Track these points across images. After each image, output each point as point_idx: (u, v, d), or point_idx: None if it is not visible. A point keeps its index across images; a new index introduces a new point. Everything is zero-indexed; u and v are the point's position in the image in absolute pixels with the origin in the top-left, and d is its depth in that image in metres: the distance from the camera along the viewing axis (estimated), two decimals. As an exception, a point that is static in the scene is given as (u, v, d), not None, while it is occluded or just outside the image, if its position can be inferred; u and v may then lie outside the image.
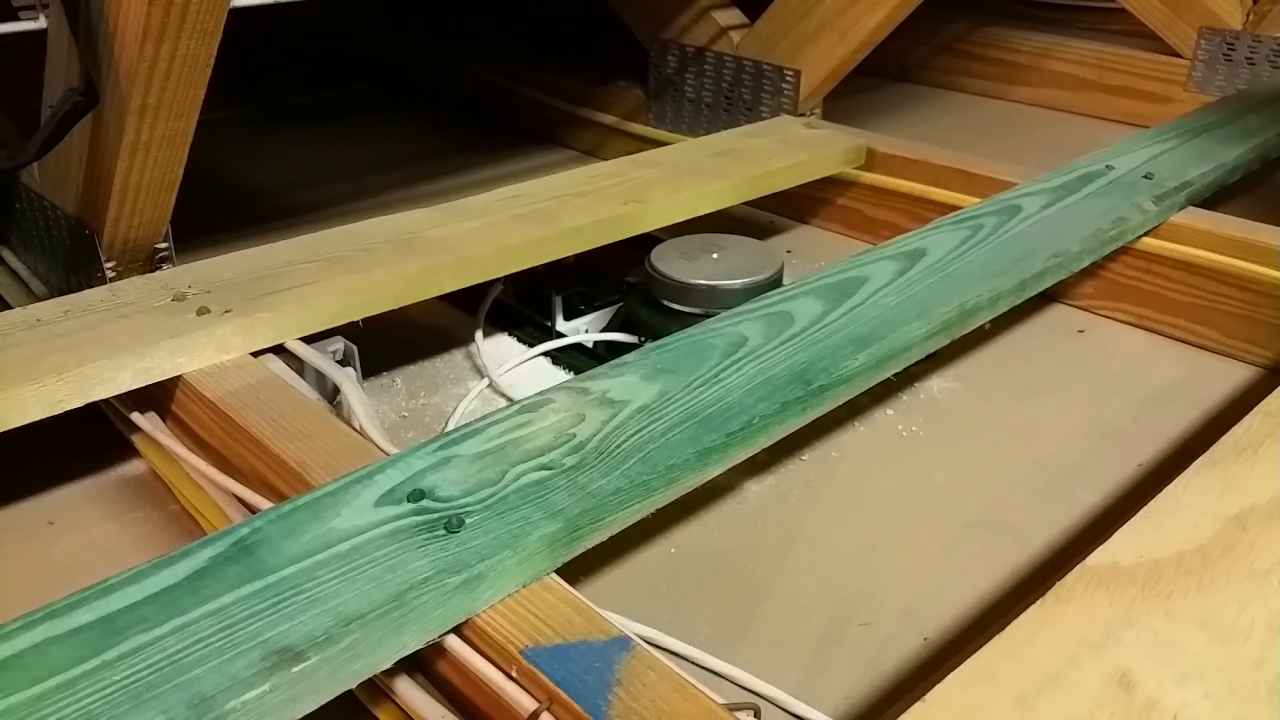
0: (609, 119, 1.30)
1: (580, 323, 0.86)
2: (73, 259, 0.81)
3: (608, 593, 0.58)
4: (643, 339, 0.79)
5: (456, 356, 0.83)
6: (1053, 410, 0.76)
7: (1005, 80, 1.53)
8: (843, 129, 1.09)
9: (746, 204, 1.04)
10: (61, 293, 0.75)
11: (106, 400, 0.63)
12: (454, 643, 0.45)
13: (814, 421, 0.63)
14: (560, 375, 0.80)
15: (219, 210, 1.13)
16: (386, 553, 0.45)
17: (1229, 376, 0.80)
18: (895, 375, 0.69)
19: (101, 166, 0.73)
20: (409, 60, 1.59)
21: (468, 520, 0.47)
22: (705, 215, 0.91)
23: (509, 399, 0.77)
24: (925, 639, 0.54)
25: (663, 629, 0.54)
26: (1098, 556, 0.46)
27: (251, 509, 0.56)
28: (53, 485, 0.66)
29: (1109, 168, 0.92)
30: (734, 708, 0.41)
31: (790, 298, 0.69)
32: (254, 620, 0.41)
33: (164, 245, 0.80)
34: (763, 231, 1.08)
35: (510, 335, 0.86)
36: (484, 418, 0.56)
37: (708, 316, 0.68)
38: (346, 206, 1.13)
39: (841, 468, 0.69)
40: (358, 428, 0.62)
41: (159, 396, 0.65)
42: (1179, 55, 1.38)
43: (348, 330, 0.71)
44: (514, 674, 0.42)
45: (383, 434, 0.61)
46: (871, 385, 0.65)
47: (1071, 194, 0.87)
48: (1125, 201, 0.85)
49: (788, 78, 1.12)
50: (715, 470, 0.56)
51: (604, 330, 0.84)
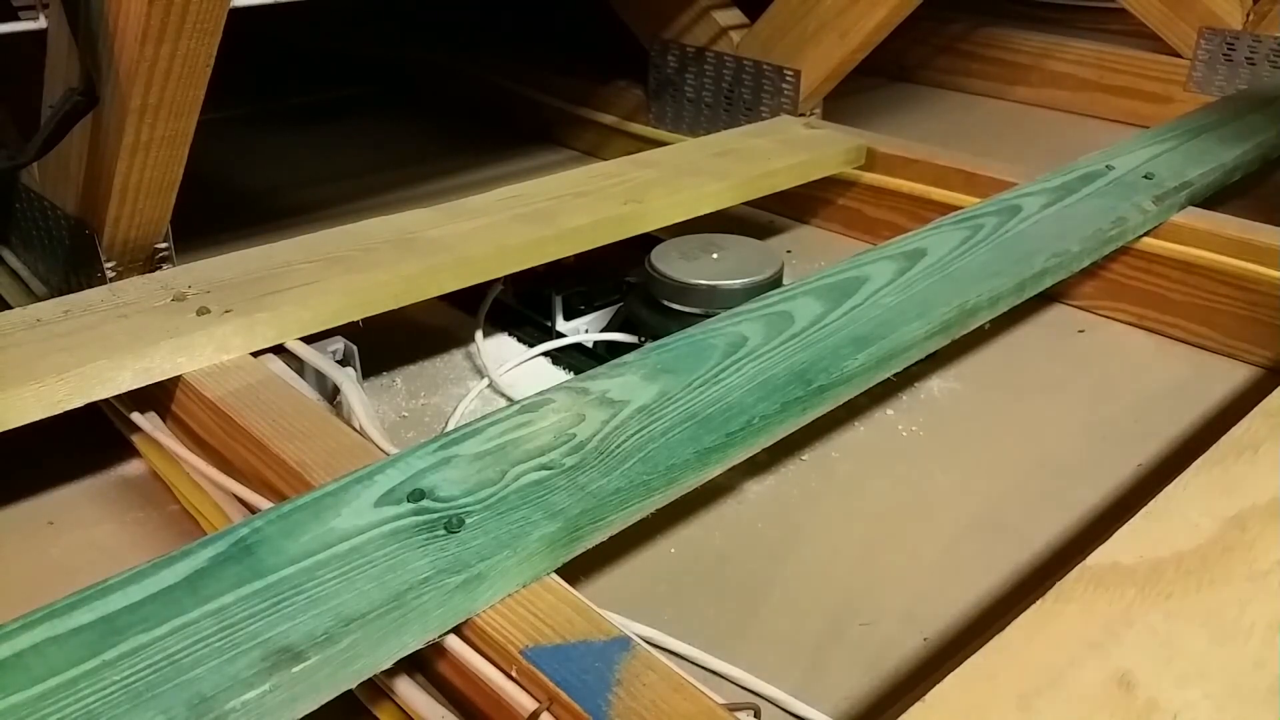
0: (609, 119, 1.30)
1: (580, 323, 0.86)
2: (73, 259, 0.81)
3: (608, 593, 0.58)
4: (643, 339, 0.79)
5: (456, 356, 0.83)
6: (1053, 410, 0.76)
7: (1005, 80, 1.53)
8: (843, 129, 1.09)
9: (746, 204, 1.04)
10: (61, 293, 0.75)
11: (106, 400, 0.63)
12: (454, 643, 0.45)
13: (814, 421, 0.63)
14: (560, 375, 0.80)
15: (219, 210, 1.12)
16: (386, 553, 0.45)
17: (1229, 376, 0.80)
18: (895, 375, 0.69)
19: (101, 166, 0.73)
20: (409, 60, 1.59)
21: (468, 520, 0.47)
22: (705, 215, 0.91)
23: (509, 399, 0.77)
24: (925, 639, 0.54)
25: (663, 629, 0.54)
26: (1098, 556, 0.46)
27: (251, 509, 0.56)
28: (53, 485, 0.66)
29: (1109, 168, 0.92)
30: (734, 708, 0.41)
31: (790, 298, 0.69)
32: (254, 620, 0.41)
33: (164, 245, 0.80)
34: (763, 231, 1.08)
35: (510, 335, 0.86)
36: (484, 418, 0.56)
37: (708, 316, 0.68)
38: (346, 206, 1.13)
39: (841, 468, 0.69)
40: (358, 428, 0.62)
41: (159, 396, 0.65)
42: (1179, 55, 1.38)
43: (348, 330, 0.71)
44: (514, 674, 0.42)
45: (383, 434, 0.61)
46: (871, 385, 0.65)
47: (1071, 194, 0.87)
48: (1125, 201, 0.85)
49: (788, 78, 1.12)
50: (715, 470, 0.56)
51: (604, 330, 0.84)
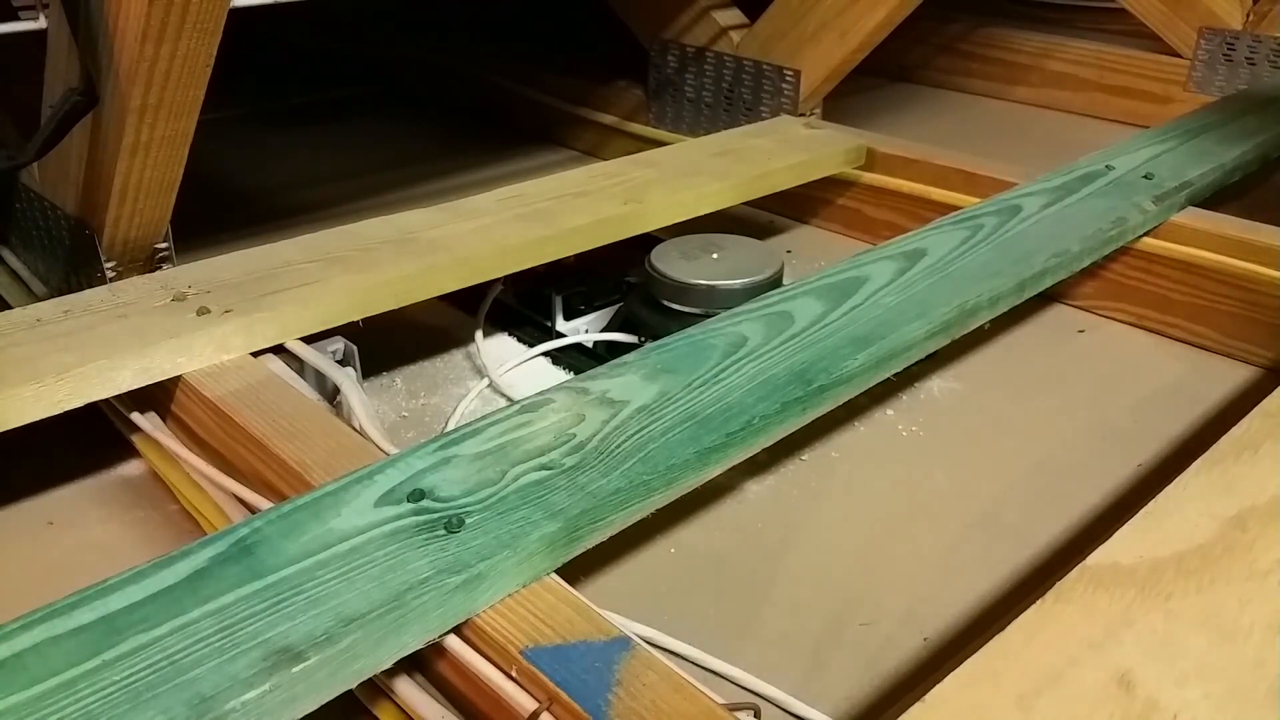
0: (609, 119, 1.30)
1: (580, 323, 0.86)
2: (73, 259, 0.81)
3: (608, 593, 0.58)
4: (643, 339, 0.79)
5: (456, 356, 0.83)
6: (1053, 410, 0.76)
7: (1005, 80, 1.53)
8: (843, 129, 1.09)
9: (746, 204, 1.04)
10: (61, 293, 0.75)
11: (106, 400, 0.63)
12: (454, 643, 0.45)
13: (814, 421, 0.63)
14: (560, 375, 0.80)
15: (219, 210, 1.13)
16: (386, 553, 0.45)
17: (1229, 376, 0.80)
18: (895, 375, 0.69)
19: (101, 166, 0.73)
20: (409, 60, 1.59)
21: (468, 520, 0.47)
22: (705, 215, 0.91)
23: (509, 399, 0.77)
24: (925, 639, 0.54)
25: (663, 629, 0.54)
26: (1098, 556, 0.46)
27: (251, 509, 0.56)
28: (53, 485, 0.66)
29: (1109, 168, 0.92)
30: (734, 708, 0.41)
31: (790, 298, 0.69)
32: (254, 620, 0.41)
33: (164, 245, 0.80)
34: (763, 231, 1.08)
35: (510, 335, 0.86)
36: (484, 418, 0.56)
37: (708, 316, 0.68)
38: (347, 206, 1.13)
39: (841, 468, 0.69)
40: (358, 428, 0.62)
41: (159, 396, 0.65)
42: (1179, 55, 1.38)
43: (348, 330, 0.71)
44: (514, 674, 0.42)
45: (383, 434, 0.61)
46: (871, 385, 0.65)
47: (1071, 194, 0.87)
48: (1125, 201, 0.85)
49: (788, 78, 1.12)
50: (715, 470, 0.56)
51: (604, 330, 0.84)
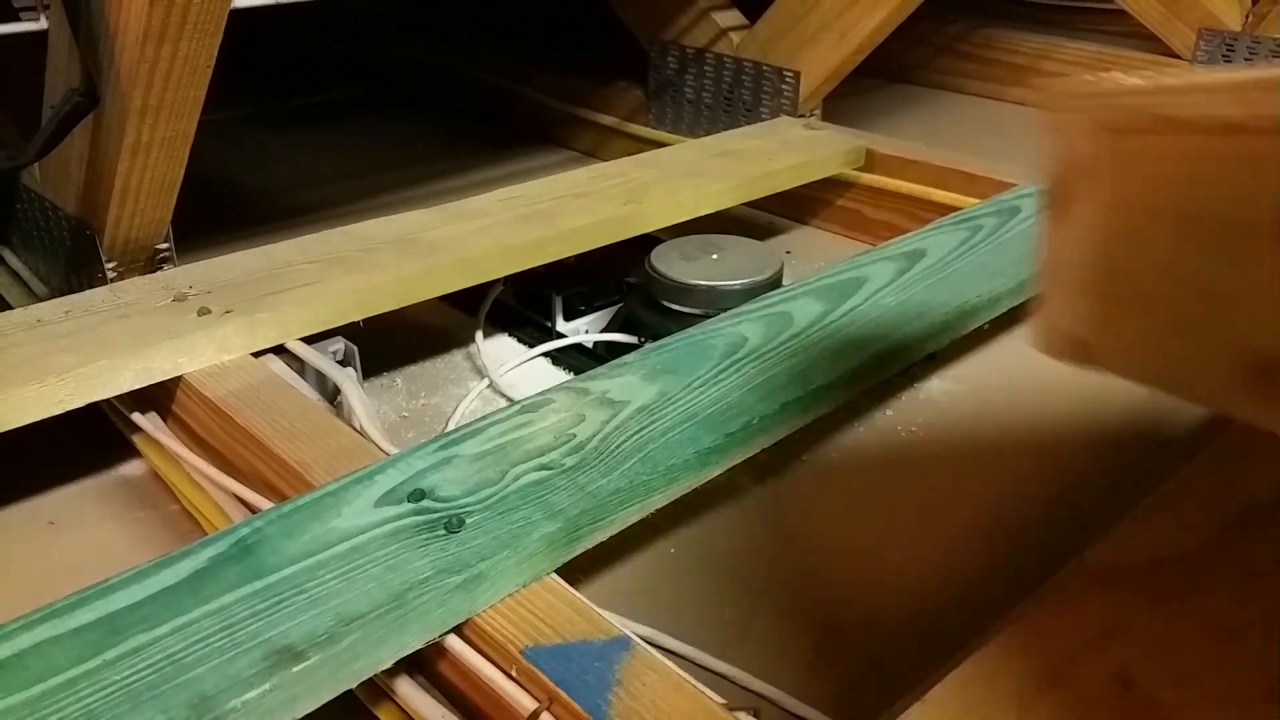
0: (609, 120, 1.30)
1: (580, 323, 0.86)
2: (74, 259, 0.81)
3: (608, 593, 0.58)
4: (643, 339, 0.79)
5: (456, 357, 0.83)
6: (1052, 410, 0.76)
7: (1005, 81, 1.53)
8: (842, 130, 1.09)
9: (746, 205, 1.04)
10: (62, 293, 0.75)
11: (107, 400, 0.63)
12: (454, 642, 0.45)
13: (814, 422, 0.63)
14: (560, 375, 0.80)
15: (220, 211, 1.13)
16: (387, 553, 0.45)
17: (1229, 377, 0.80)
18: (895, 375, 0.69)
19: (102, 167, 0.73)
20: (409, 61, 1.59)
21: (468, 520, 0.47)
22: (705, 216, 0.91)
23: (509, 399, 0.77)
24: (924, 639, 0.55)
25: (663, 629, 0.54)
26: (1097, 556, 0.46)
27: (252, 509, 0.56)
28: (53, 485, 0.66)
29: (1109, 168, 0.92)
30: (734, 708, 0.41)
31: (790, 298, 0.69)
32: (255, 620, 0.41)
33: (165, 246, 0.80)
34: (762, 232, 1.08)
35: (510, 335, 0.86)
36: (484, 418, 0.56)
37: (708, 317, 0.68)
38: (347, 207, 1.13)
39: (841, 468, 0.69)
40: (358, 428, 0.62)
41: (160, 397, 0.65)
42: (1178, 56, 1.38)
43: (348, 330, 0.71)
44: (514, 674, 0.43)
45: (383, 434, 0.61)
46: (871, 385, 0.65)
47: (1071, 195, 0.87)
48: (1125, 202, 0.85)
49: (787, 79, 1.12)
50: (715, 470, 0.56)
51: (604, 330, 0.84)
